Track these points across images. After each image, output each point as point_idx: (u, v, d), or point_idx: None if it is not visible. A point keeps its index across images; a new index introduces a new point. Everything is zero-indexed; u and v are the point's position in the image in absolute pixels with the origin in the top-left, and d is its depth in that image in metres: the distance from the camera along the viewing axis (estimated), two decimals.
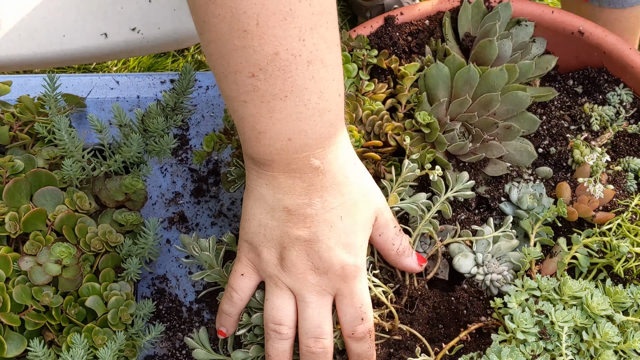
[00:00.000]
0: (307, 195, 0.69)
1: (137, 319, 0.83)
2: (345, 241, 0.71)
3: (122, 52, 1.08)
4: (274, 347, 0.73)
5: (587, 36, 0.90)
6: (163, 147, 0.87)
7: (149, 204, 0.98)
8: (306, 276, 0.71)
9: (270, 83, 0.64)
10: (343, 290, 0.71)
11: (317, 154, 0.69)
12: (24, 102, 0.90)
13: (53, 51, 1.06)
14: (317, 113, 0.67)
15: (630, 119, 0.90)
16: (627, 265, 0.78)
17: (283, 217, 0.70)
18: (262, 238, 0.72)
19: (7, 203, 0.81)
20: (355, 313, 0.72)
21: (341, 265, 0.70)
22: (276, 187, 0.70)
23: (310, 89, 0.66)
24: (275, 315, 0.72)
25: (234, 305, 0.75)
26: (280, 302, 0.72)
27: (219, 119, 1.03)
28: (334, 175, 0.70)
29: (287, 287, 0.72)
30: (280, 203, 0.70)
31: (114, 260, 0.84)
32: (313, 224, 0.70)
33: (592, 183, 0.82)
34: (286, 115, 0.66)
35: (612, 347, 0.71)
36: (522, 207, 0.83)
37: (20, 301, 0.77)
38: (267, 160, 0.69)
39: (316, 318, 0.71)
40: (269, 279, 0.73)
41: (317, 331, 0.71)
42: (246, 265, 0.74)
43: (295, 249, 0.70)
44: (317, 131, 0.68)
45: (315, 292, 0.71)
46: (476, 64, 0.83)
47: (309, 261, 0.70)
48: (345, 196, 0.71)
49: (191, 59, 1.81)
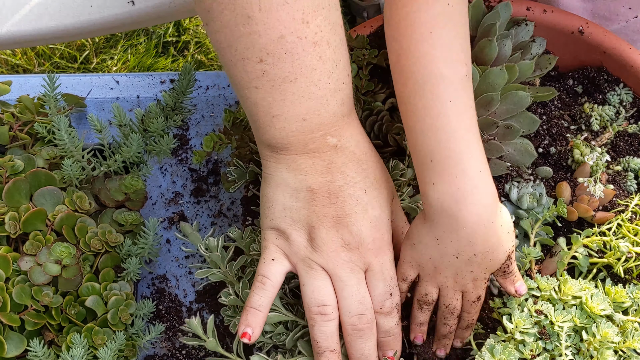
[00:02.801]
0: (329, 172, 0.70)
1: (137, 319, 0.83)
2: (372, 214, 0.71)
3: (151, 18, 1.07)
4: (321, 331, 0.72)
5: (587, 36, 0.90)
6: (163, 147, 0.87)
7: (149, 203, 0.98)
8: (339, 253, 0.71)
9: (279, 66, 0.65)
10: (373, 264, 0.72)
11: (333, 132, 0.70)
12: (24, 102, 0.90)
13: (81, 22, 1.06)
14: (329, 92, 0.68)
15: (630, 118, 0.90)
16: (627, 265, 0.78)
17: (308, 197, 0.70)
18: (289, 221, 0.72)
19: (6, 203, 0.81)
20: (385, 287, 0.72)
21: (372, 238, 0.71)
22: (296, 168, 0.70)
23: (319, 69, 0.67)
24: (317, 297, 0.71)
25: (266, 294, 0.73)
26: (319, 283, 0.71)
27: (219, 119, 1.03)
28: (353, 151, 0.71)
29: (320, 267, 0.71)
30: (303, 183, 0.70)
31: (113, 260, 0.84)
32: (339, 199, 0.70)
33: (592, 183, 0.82)
34: (298, 97, 0.67)
35: (612, 347, 0.71)
36: (522, 206, 0.83)
37: (20, 301, 0.77)
38: (284, 144, 0.70)
39: (356, 295, 0.71)
40: (301, 263, 0.72)
41: (360, 308, 0.72)
42: (275, 251, 0.73)
43: (324, 227, 0.70)
44: (330, 110, 0.69)
45: (349, 269, 0.71)
46: (476, 64, 0.83)
47: (340, 237, 0.70)
48: (366, 170, 0.71)
49: (191, 59, 1.81)
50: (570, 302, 0.74)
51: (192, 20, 1.85)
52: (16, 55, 1.78)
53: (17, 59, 1.78)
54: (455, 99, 0.70)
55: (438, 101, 0.70)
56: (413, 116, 0.71)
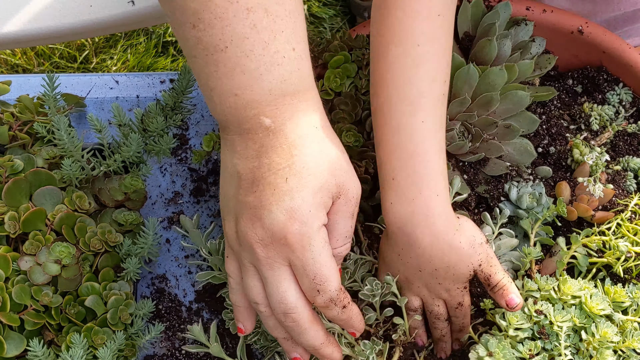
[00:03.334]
0: (258, 157, 0.65)
1: (137, 319, 0.83)
2: (289, 205, 0.64)
3: (151, 18, 1.07)
4: (267, 325, 0.70)
5: (586, 35, 0.90)
6: (162, 146, 0.87)
7: (149, 203, 0.98)
8: (255, 249, 0.65)
9: (209, 33, 0.61)
10: (294, 260, 0.65)
11: (268, 112, 0.64)
12: (24, 102, 0.90)
13: (81, 22, 1.05)
14: (263, 66, 0.62)
15: (630, 118, 0.90)
16: (626, 265, 0.78)
17: (236, 183, 0.66)
18: (225, 210, 0.68)
19: (6, 203, 0.81)
20: (310, 285, 0.66)
21: (282, 233, 0.64)
22: (233, 151, 0.66)
23: (251, 39, 0.61)
24: (249, 294, 0.69)
25: (234, 289, 0.71)
26: (248, 281, 0.68)
27: None
28: (286, 134, 0.64)
29: (250, 263, 0.67)
30: (235, 168, 0.66)
31: (113, 259, 0.84)
32: (258, 188, 0.64)
33: (591, 182, 0.82)
34: (230, 69, 0.62)
35: (611, 346, 0.71)
36: (522, 206, 0.83)
37: (19, 301, 0.77)
38: (223, 122, 0.66)
39: (276, 294, 0.66)
40: (238, 258, 0.69)
41: (282, 307, 0.67)
42: (228, 245, 0.70)
43: (243, 219, 0.65)
44: (264, 86, 0.63)
45: (268, 266, 0.66)
46: (475, 64, 0.83)
47: (254, 232, 0.65)
48: (295, 157, 0.64)
49: None
50: (570, 301, 0.74)
51: None
52: (16, 55, 1.78)
53: (17, 58, 1.78)
54: (428, 118, 0.69)
55: (412, 119, 0.69)
56: (384, 130, 0.70)
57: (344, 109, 0.85)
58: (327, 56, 0.86)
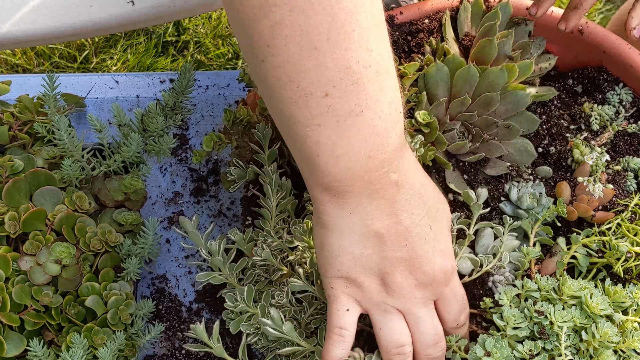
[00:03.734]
0: (394, 214, 0.68)
1: (137, 319, 0.83)
2: (440, 248, 0.71)
3: (151, 18, 1.07)
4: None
5: (586, 35, 0.90)
6: (162, 146, 0.87)
7: (149, 203, 0.98)
8: (413, 294, 0.70)
9: (345, 99, 0.61)
10: (446, 292, 0.73)
11: (394, 168, 0.67)
12: (24, 102, 0.90)
13: (81, 22, 1.05)
14: (390, 125, 0.65)
15: (630, 118, 0.90)
16: (626, 265, 0.78)
17: (377, 242, 0.68)
18: (360, 269, 0.69)
19: (6, 203, 0.81)
20: (459, 307, 0.74)
21: (443, 273, 0.71)
22: (362, 213, 0.67)
23: (381, 100, 0.63)
24: (398, 339, 0.72)
25: (347, 345, 0.72)
26: (396, 325, 0.71)
27: (219, 119, 1.03)
28: (412, 185, 0.69)
29: (395, 309, 0.71)
30: (371, 229, 0.68)
31: (113, 260, 0.84)
32: (407, 241, 0.69)
33: (591, 182, 0.82)
34: (364, 133, 0.63)
35: (612, 346, 0.71)
36: (522, 206, 0.83)
37: (19, 301, 0.77)
38: (347, 187, 0.66)
39: (431, 328, 0.72)
40: (375, 308, 0.71)
41: (436, 338, 0.73)
42: (347, 300, 0.71)
43: (397, 271, 0.69)
44: (392, 143, 0.65)
45: (423, 304, 0.71)
46: (476, 64, 0.83)
47: (414, 279, 0.70)
48: (427, 203, 0.70)
49: (190, 59, 1.81)
50: (570, 302, 0.74)
51: (192, 20, 1.85)
52: (16, 55, 1.78)
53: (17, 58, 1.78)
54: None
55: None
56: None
57: None
58: None
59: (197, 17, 1.85)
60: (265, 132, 0.82)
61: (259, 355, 0.86)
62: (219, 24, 1.84)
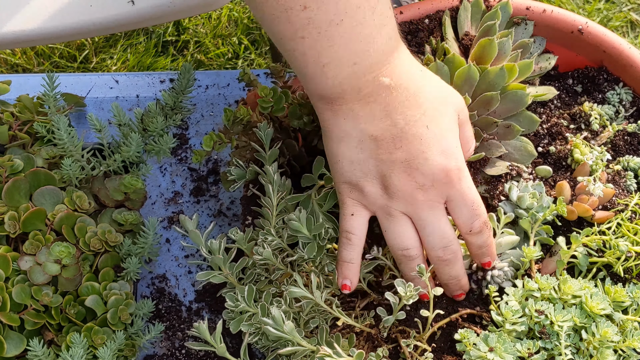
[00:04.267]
0: (388, 116, 0.69)
1: (137, 319, 0.83)
2: (439, 148, 0.70)
3: (151, 18, 1.07)
4: (408, 268, 0.75)
5: (586, 35, 0.90)
6: (162, 146, 0.87)
7: (149, 203, 0.98)
8: (415, 196, 0.70)
9: (323, 10, 0.64)
10: (452, 195, 0.72)
11: (385, 72, 0.68)
12: (23, 102, 0.90)
13: (81, 22, 1.06)
14: (375, 30, 0.66)
15: (630, 117, 0.90)
16: (626, 265, 0.78)
17: (372, 146, 0.70)
18: (359, 174, 0.71)
19: (6, 202, 0.81)
20: (469, 212, 0.73)
21: (444, 172, 0.70)
22: (355, 118, 0.69)
23: (362, 7, 0.65)
24: (400, 242, 0.73)
25: (354, 247, 0.74)
26: (400, 229, 0.72)
27: (219, 118, 1.03)
28: (407, 87, 0.69)
29: (400, 212, 0.72)
30: (365, 133, 0.69)
31: (113, 259, 0.84)
32: (402, 142, 0.69)
33: (591, 182, 0.82)
34: (346, 40, 0.65)
35: (612, 346, 0.71)
36: (522, 206, 0.83)
37: (19, 300, 0.77)
38: (338, 93, 0.68)
39: (437, 231, 0.72)
40: (380, 211, 0.73)
41: (443, 241, 0.73)
42: (352, 205, 0.73)
43: (395, 174, 0.70)
44: (378, 48, 0.67)
45: (428, 207, 0.71)
46: (476, 63, 0.83)
47: (413, 181, 0.70)
48: (423, 105, 0.70)
49: (190, 58, 1.81)
50: (570, 301, 0.74)
51: (192, 19, 1.85)
52: (15, 55, 1.78)
53: (17, 58, 1.78)
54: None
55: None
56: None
57: None
58: None
59: (197, 17, 1.85)
60: (266, 132, 0.82)
61: (259, 354, 0.86)
62: (218, 24, 1.84)
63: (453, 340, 0.77)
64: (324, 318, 0.78)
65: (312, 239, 0.77)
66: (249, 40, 1.83)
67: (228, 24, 1.86)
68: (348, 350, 0.75)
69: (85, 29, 1.07)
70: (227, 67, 1.80)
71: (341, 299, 0.81)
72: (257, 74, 1.05)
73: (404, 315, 0.75)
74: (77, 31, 1.07)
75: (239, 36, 1.83)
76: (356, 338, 0.78)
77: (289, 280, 0.80)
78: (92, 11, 1.05)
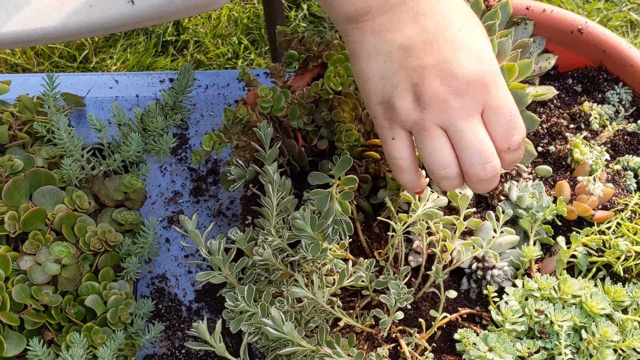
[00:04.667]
0: (417, 23, 0.67)
1: (137, 318, 0.83)
2: (472, 51, 0.67)
3: (150, 18, 1.07)
4: (449, 186, 0.70)
5: (586, 35, 0.90)
6: (162, 146, 0.87)
7: (148, 203, 0.98)
8: (449, 103, 0.66)
9: None
10: (490, 102, 0.67)
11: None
12: (23, 101, 0.90)
13: (81, 22, 1.06)
14: None
15: (630, 117, 0.91)
16: (626, 264, 0.78)
17: (402, 55, 0.67)
18: (390, 88, 0.68)
19: (6, 202, 0.81)
20: (507, 124, 0.67)
21: (480, 75, 0.66)
22: (383, 30, 0.67)
23: None
24: (437, 159, 0.68)
25: (407, 170, 0.70)
26: (435, 144, 0.67)
27: (218, 118, 1.03)
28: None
29: (434, 124, 0.67)
30: (394, 44, 0.67)
31: (113, 259, 0.84)
32: (433, 46, 0.66)
33: (591, 182, 0.82)
34: None
35: (611, 345, 0.71)
36: (522, 206, 0.83)
37: (19, 300, 0.77)
38: (364, 9, 0.67)
39: (475, 143, 0.66)
40: (415, 127, 0.68)
41: (483, 155, 0.67)
42: (389, 127, 0.69)
43: (427, 80, 0.66)
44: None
45: (465, 116, 0.66)
46: None
47: (447, 85, 0.66)
48: (454, 11, 0.68)
49: (190, 58, 1.81)
50: (570, 301, 0.74)
51: (192, 19, 1.85)
52: (15, 55, 1.78)
53: (17, 58, 1.78)
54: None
55: None
56: None
57: (344, 108, 0.85)
58: (326, 55, 0.86)
59: (197, 17, 1.85)
60: (266, 132, 0.82)
61: (259, 354, 0.86)
62: (218, 24, 1.84)
63: (453, 340, 0.77)
64: (324, 318, 0.78)
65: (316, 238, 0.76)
66: (248, 40, 1.83)
67: (228, 24, 1.86)
68: (348, 350, 0.75)
69: (85, 29, 1.08)
70: (226, 67, 1.80)
71: (341, 299, 0.81)
72: (257, 73, 1.05)
73: (402, 315, 0.75)
74: (77, 31, 1.08)
75: (239, 36, 1.83)
76: (356, 338, 0.78)
77: (288, 280, 0.80)
78: (92, 11, 1.06)
